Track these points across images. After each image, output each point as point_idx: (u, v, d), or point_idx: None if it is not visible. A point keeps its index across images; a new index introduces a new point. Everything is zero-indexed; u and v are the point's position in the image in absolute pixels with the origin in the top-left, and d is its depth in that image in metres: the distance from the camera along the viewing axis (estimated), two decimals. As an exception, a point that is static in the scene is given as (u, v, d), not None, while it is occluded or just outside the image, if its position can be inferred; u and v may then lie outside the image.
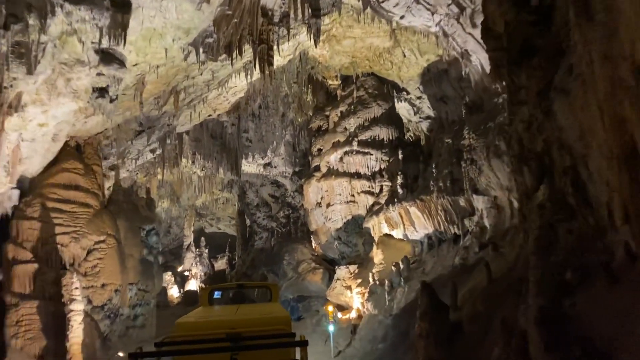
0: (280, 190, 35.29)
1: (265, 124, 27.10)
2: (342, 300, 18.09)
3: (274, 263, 21.75)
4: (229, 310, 5.22)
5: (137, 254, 18.70)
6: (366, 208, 20.24)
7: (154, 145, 24.92)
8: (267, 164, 32.78)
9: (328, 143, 21.06)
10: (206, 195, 39.53)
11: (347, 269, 18.37)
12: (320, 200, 21.34)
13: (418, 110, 22.67)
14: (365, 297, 16.44)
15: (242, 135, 27.78)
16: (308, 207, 22.13)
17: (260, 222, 36.99)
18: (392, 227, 17.13)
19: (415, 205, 15.81)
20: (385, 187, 19.48)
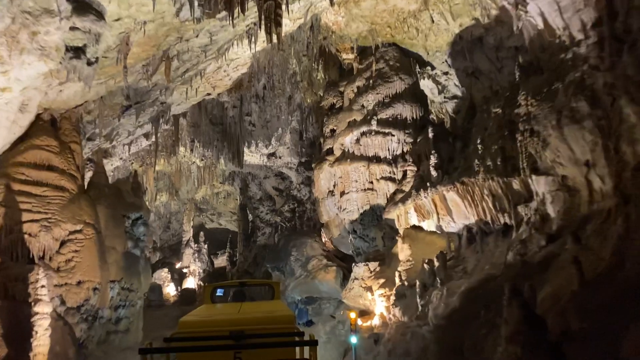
0: (285, 182, 31.99)
1: (270, 107, 23.77)
2: (360, 303, 14.86)
3: (279, 259, 18.44)
4: (231, 308, 4.97)
5: (121, 247, 15.38)
6: (386, 197, 16.97)
7: (146, 127, 21.60)
8: (272, 154, 29.48)
9: (343, 123, 17.79)
10: (206, 188, 36.23)
11: (367, 266, 15.10)
12: (332, 188, 18.08)
13: (443, 89, 19.36)
14: (390, 300, 13.20)
15: (245, 119, 24.45)
16: (319, 196, 18.84)
17: (263, 217, 33.71)
18: (422, 217, 13.86)
19: (455, 189, 12.53)
20: (410, 172, 16.19)
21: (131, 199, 15.84)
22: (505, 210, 11.94)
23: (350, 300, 15.07)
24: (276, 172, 31.76)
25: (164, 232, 43.95)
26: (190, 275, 32.03)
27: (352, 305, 15.02)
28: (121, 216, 15.62)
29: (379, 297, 13.92)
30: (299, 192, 30.36)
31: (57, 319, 13.82)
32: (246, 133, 25.64)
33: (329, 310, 17.02)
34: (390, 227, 16.57)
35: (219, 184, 35.14)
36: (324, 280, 17.04)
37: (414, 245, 14.34)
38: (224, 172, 33.65)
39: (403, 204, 14.42)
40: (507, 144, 11.74)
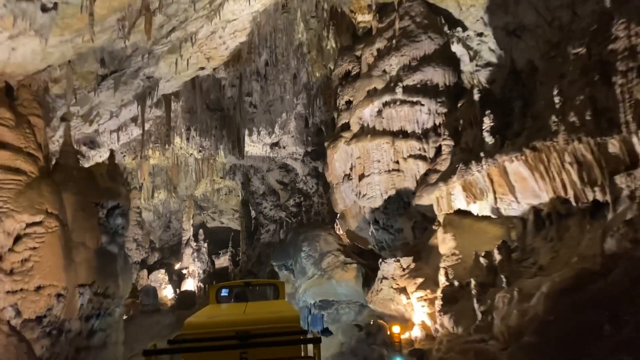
0: (290, 175, 28.50)
1: (273, 85, 20.29)
2: (391, 309, 11.39)
3: (288, 256, 14.92)
4: (237, 308, 4.69)
5: (93, 242, 11.89)
6: (415, 179, 13.54)
7: (133, 108, 18.12)
8: (275, 143, 25.99)
9: (361, 92, 14.31)
10: (206, 184, 32.73)
11: (398, 263, 11.59)
12: (349, 171, 14.62)
13: (475, 55, 15.85)
14: (436, 305, 9.72)
15: (245, 100, 20.95)
16: (333, 181, 15.32)
17: (267, 213, 30.19)
18: (473, 198, 10.36)
19: (522, 158, 9.06)
20: (446, 147, 12.72)
21: (107, 184, 12.36)
22: (596, 183, 8.44)
23: (378, 304, 11.61)
24: (280, 164, 28.28)
25: (164, 232, 40.38)
26: (189, 276, 28.49)
27: (380, 311, 11.56)
28: (93, 205, 12.12)
29: (417, 301, 10.45)
30: (305, 184, 26.86)
31: (10, 334, 10.48)
32: (247, 117, 22.15)
33: (348, 316, 13.50)
34: (422, 216, 13.10)
35: (220, 178, 31.65)
36: (342, 281, 13.53)
37: (460, 236, 10.88)
38: (224, 165, 30.15)
39: (445, 184, 10.92)
40: (599, 93, 8.26)
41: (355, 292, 13.53)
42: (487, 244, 10.46)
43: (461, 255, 10.55)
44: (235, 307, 4.93)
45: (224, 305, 5.60)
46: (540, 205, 9.49)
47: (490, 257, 9.46)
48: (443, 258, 10.77)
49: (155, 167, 30.59)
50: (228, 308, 5.04)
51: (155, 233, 39.45)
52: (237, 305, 5.13)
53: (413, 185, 13.62)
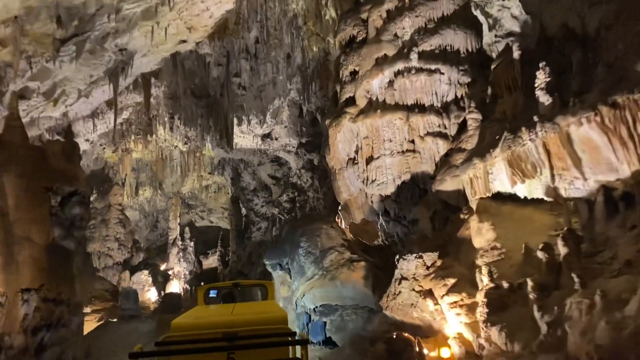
0: (283, 169, 25.93)
1: (264, 65, 17.74)
2: (414, 317, 8.86)
3: (283, 254, 12.30)
4: (224, 309, 4.53)
5: (42, 237, 9.26)
6: (434, 160, 11.07)
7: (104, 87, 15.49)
8: (267, 135, 23.42)
9: (368, 60, 11.77)
10: (193, 181, 30.03)
11: (420, 260, 9.02)
12: (354, 155, 12.08)
13: (495, 24, 13.41)
14: (478, 314, 7.25)
15: (233, 81, 18.38)
16: (335, 166, 12.73)
17: (258, 210, 27.60)
18: (521, 176, 7.82)
19: (596, 118, 6.61)
20: (473, 122, 10.28)
21: (60, 165, 9.74)
22: None
23: (396, 311, 9.08)
24: (272, 157, 25.70)
25: (151, 232, 37.61)
26: (174, 277, 25.79)
27: (398, 319, 9.05)
28: (44, 191, 9.49)
29: (450, 307, 7.95)
30: (300, 178, 24.30)
31: None
32: (235, 102, 19.57)
33: (356, 324, 10.96)
34: (443, 204, 10.61)
35: (208, 174, 29.00)
36: (348, 282, 10.96)
37: (500, 225, 8.42)
38: (212, 160, 27.53)
39: (482, 160, 8.41)
40: None
41: (363, 295, 10.98)
42: (536, 234, 7.98)
43: (504, 249, 8.09)
44: (223, 308, 4.78)
45: (212, 307, 5.30)
46: (615, 183, 7.05)
47: (551, 250, 7.00)
48: (480, 253, 8.30)
49: (139, 162, 27.89)
50: (216, 309, 4.80)
51: (141, 233, 36.69)
52: (225, 306, 4.96)
53: (432, 168, 11.14)
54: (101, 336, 15.43)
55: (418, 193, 11.55)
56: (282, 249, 12.52)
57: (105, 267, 25.66)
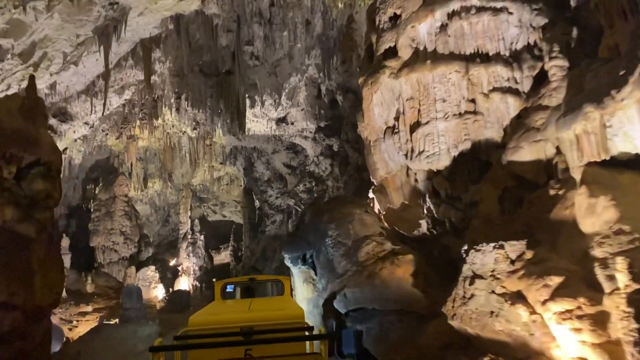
0: (299, 157, 23.17)
1: (280, 32, 14.98)
2: (496, 330, 6.06)
3: (305, 246, 9.51)
4: (241, 304, 4.61)
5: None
6: (502, 124, 8.24)
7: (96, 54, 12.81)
8: (282, 119, 20.68)
9: (413, 0, 8.99)
10: (204, 171, 27.35)
11: (501, 251, 6.23)
12: (394, 122, 9.27)
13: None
14: (621, 331, 4.52)
15: (245, 50, 15.63)
16: (369, 137, 9.83)
17: (272, 202, 24.88)
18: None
19: None
20: (557, 69, 7.47)
21: (18, 127, 7.06)
22: None
23: (470, 321, 6.24)
24: (287, 145, 22.95)
25: (162, 227, 35.10)
26: (183, 274, 23.12)
27: (473, 333, 6.27)
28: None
29: (560, 319, 5.11)
30: (317, 166, 21.52)
31: None
32: (247, 78, 16.85)
33: (401, 334, 8.17)
34: (517, 179, 7.79)
35: (219, 164, 26.30)
36: (392, 280, 8.16)
37: (621, 201, 5.65)
38: (223, 149, 24.80)
39: (599, 107, 5.60)
40: None
41: (410, 297, 8.18)
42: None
43: (637, 234, 5.33)
44: (240, 303, 4.71)
45: (229, 302, 5.24)
46: None
47: None
48: (596, 240, 5.51)
49: (147, 152, 25.27)
50: (233, 304, 4.68)
51: (152, 228, 34.17)
52: (242, 301, 4.92)
53: (499, 134, 8.32)
54: (93, 341, 12.77)
55: (478, 167, 8.72)
56: (304, 239, 9.74)
57: (110, 262, 23.09)
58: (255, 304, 4.42)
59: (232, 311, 4.17)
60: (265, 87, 17.95)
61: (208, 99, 18.63)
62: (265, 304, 4.45)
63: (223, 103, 18.54)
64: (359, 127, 10.20)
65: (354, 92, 17.76)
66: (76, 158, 21.34)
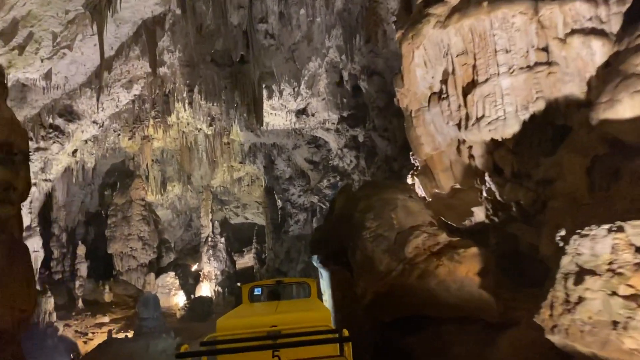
0: (321, 152, 21.30)
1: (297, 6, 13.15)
2: (621, 348, 4.26)
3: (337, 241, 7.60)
4: (268, 307, 4.42)
5: None
6: (584, 76, 6.25)
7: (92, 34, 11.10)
8: (301, 110, 18.84)
9: None
10: (224, 172, 25.62)
11: (621, 235, 4.44)
12: (441, 86, 7.28)
13: None
14: None
15: (259, 28, 13.84)
16: (410, 106, 7.75)
17: (295, 201, 23.06)
18: None
19: None
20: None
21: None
22: None
23: (581, 337, 4.25)
24: (309, 139, 21.10)
25: (185, 232, 33.54)
26: (204, 279, 21.38)
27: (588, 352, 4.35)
28: None
29: None
30: (342, 160, 19.60)
31: None
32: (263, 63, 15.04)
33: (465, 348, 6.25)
34: (611, 144, 5.78)
35: (238, 163, 24.55)
36: (452, 280, 6.15)
37: None
38: (242, 147, 23.07)
39: None
40: None
41: (477, 301, 6.19)
42: None
43: None
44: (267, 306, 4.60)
45: (257, 304, 5.06)
46: None
47: None
48: None
49: (163, 153, 23.67)
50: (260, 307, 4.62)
51: (174, 233, 32.63)
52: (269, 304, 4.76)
53: (581, 89, 6.28)
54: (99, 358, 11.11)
55: (551, 135, 6.70)
56: (335, 233, 7.82)
57: (128, 269, 21.51)
58: (282, 306, 4.35)
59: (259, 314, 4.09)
60: (283, 74, 16.11)
61: (222, 91, 16.89)
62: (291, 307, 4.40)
63: (238, 95, 16.81)
64: (397, 94, 8.22)
65: (380, 74, 15.81)
66: (89, 161, 19.77)
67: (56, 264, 20.58)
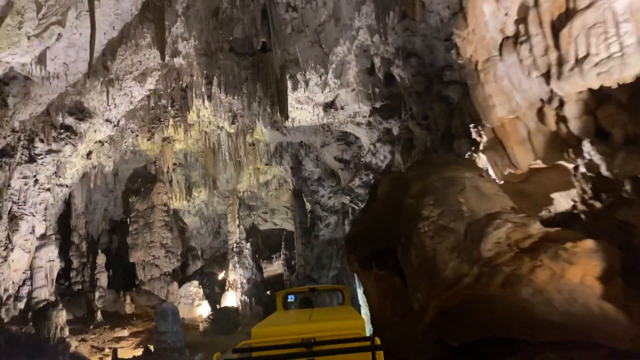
0: (352, 148, 19.27)
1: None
2: None
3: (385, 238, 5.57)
4: (303, 315, 4.32)
5: None
6: None
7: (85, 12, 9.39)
8: (329, 104, 16.89)
9: None
10: (250, 175, 23.87)
11: None
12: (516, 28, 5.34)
13: None
14: None
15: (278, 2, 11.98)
16: (476, 57, 5.61)
17: (324, 203, 21.08)
18: None
19: None
20: None
21: None
22: None
23: None
24: (338, 135, 19.12)
25: (214, 239, 31.98)
26: (230, 288, 19.54)
27: None
28: None
29: None
30: (374, 156, 17.53)
31: None
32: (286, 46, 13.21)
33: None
34: None
35: (264, 165, 22.76)
36: (557, 288, 4.14)
37: None
38: (267, 147, 21.28)
39: None
40: None
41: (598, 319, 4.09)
42: None
43: None
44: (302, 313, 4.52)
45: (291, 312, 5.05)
46: None
47: None
48: None
49: (187, 156, 22.06)
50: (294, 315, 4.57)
51: (203, 241, 31.12)
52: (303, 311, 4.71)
53: None
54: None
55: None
56: (378, 228, 5.76)
57: (151, 278, 19.85)
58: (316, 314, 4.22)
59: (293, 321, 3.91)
60: (309, 61, 14.23)
61: (244, 83, 15.11)
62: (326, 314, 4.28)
63: (261, 86, 15.02)
64: (457, 39, 6.11)
65: (417, 55, 13.72)
66: (106, 165, 18.25)
67: (76, 274, 19.08)
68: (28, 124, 14.15)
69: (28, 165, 14.83)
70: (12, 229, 14.89)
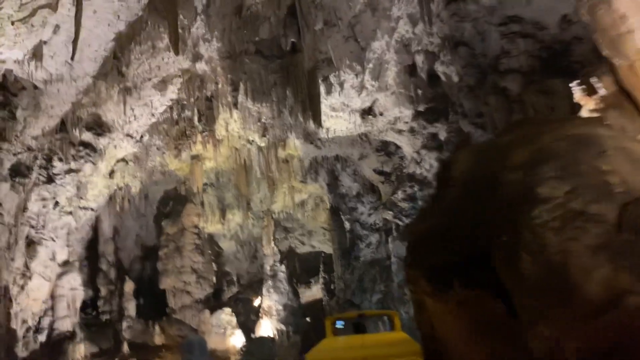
0: (393, 160, 17.20)
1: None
2: None
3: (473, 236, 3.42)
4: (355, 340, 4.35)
5: None
6: None
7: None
8: (367, 110, 14.97)
9: None
10: (284, 194, 22.04)
11: None
12: None
13: None
14: None
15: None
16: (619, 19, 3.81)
17: (364, 221, 18.99)
18: None
19: None
20: None
21: None
22: None
23: None
24: (377, 146, 17.12)
25: (251, 264, 30.06)
26: (264, 315, 17.52)
27: None
28: None
29: None
30: (419, 165, 15.37)
31: None
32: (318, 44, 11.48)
33: None
34: None
35: (299, 183, 20.91)
36: None
37: None
38: (301, 163, 19.43)
39: None
40: None
41: None
42: None
43: None
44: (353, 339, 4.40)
45: (341, 338, 4.99)
46: None
47: None
48: None
49: (218, 175, 20.50)
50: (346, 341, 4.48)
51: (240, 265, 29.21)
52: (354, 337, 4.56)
53: None
54: None
55: None
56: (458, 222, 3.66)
57: (182, 306, 18.07)
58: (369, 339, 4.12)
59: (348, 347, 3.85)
60: (343, 59, 12.44)
61: (272, 88, 13.44)
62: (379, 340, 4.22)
63: (291, 91, 13.33)
64: None
65: (467, 45, 11.69)
66: (133, 186, 16.80)
67: (103, 303, 17.52)
68: (45, 141, 12.82)
69: (46, 186, 13.46)
70: (30, 255, 13.48)
